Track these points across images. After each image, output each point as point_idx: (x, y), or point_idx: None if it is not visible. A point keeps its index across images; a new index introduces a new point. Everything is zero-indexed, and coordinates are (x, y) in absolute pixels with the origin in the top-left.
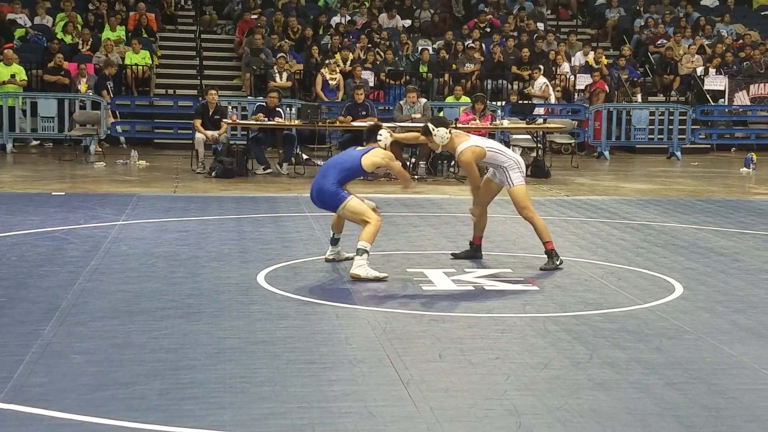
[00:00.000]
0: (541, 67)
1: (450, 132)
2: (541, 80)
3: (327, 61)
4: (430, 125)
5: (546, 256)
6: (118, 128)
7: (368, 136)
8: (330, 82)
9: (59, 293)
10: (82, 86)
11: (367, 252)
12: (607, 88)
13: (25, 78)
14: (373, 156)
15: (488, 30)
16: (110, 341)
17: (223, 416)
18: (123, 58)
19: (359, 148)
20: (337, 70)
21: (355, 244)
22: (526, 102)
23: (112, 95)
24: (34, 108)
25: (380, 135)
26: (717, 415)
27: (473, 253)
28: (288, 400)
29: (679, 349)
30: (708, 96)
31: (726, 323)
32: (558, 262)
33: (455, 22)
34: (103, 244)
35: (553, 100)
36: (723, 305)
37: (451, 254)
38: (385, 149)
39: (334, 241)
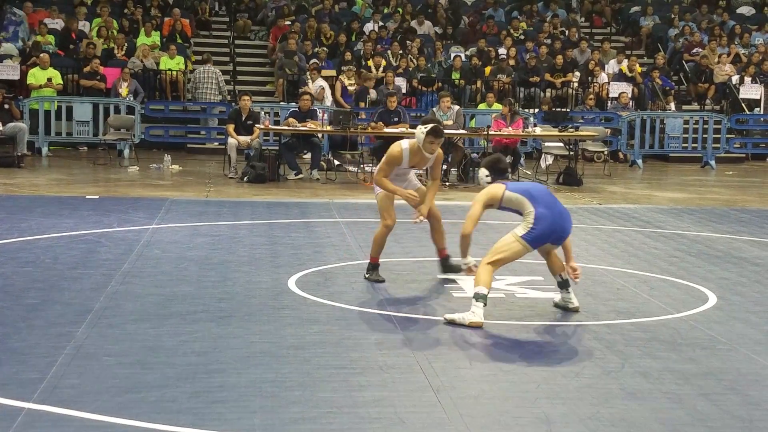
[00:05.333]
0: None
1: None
2: (319, 82)
3: (344, 69)
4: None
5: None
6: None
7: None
8: (349, 88)
9: (92, 296)
10: (123, 90)
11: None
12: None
13: (61, 82)
14: None
15: (522, 38)
16: (142, 344)
17: (253, 420)
18: (158, 64)
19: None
20: (356, 77)
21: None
22: (560, 110)
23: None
24: (69, 112)
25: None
26: (751, 426)
27: (449, 266)
28: (318, 405)
29: (712, 360)
30: (743, 105)
31: (761, 334)
32: (370, 276)
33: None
34: (135, 248)
35: (328, 103)
36: (758, 315)
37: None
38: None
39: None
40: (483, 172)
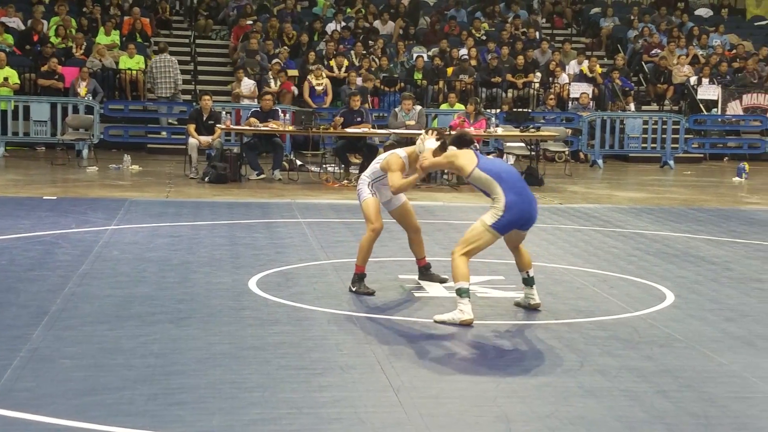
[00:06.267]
0: (247, 69)
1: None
2: (248, 81)
3: (312, 68)
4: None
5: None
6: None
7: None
8: (316, 88)
9: (49, 297)
10: (82, 90)
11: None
12: (294, 89)
13: (18, 81)
14: None
15: (484, 38)
16: (99, 346)
17: (212, 421)
18: (117, 63)
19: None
20: (324, 76)
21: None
22: (521, 110)
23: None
24: (26, 112)
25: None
26: (706, 423)
27: (429, 275)
28: (278, 406)
29: (669, 357)
30: (701, 105)
31: (717, 332)
32: (357, 289)
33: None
34: (94, 249)
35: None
36: (714, 314)
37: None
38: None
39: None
40: (450, 150)
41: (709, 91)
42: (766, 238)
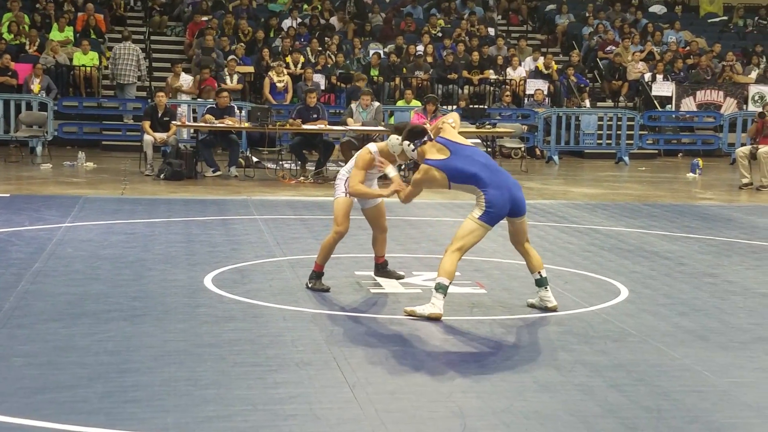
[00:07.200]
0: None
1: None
2: (187, 76)
3: (273, 64)
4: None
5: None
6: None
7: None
8: (278, 84)
9: (1, 295)
10: (35, 86)
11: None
12: (216, 84)
13: None
14: None
15: (440, 35)
16: (53, 344)
17: (167, 419)
18: (71, 59)
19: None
20: (285, 73)
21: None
22: (477, 107)
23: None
24: None
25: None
26: (659, 416)
27: (386, 272)
28: (233, 403)
29: (623, 352)
30: (656, 102)
31: (670, 326)
32: (313, 285)
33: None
34: (47, 246)
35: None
36: (667, 308)
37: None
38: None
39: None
40: (406, 145)
41: (663, 88)
42: (719, 234)
